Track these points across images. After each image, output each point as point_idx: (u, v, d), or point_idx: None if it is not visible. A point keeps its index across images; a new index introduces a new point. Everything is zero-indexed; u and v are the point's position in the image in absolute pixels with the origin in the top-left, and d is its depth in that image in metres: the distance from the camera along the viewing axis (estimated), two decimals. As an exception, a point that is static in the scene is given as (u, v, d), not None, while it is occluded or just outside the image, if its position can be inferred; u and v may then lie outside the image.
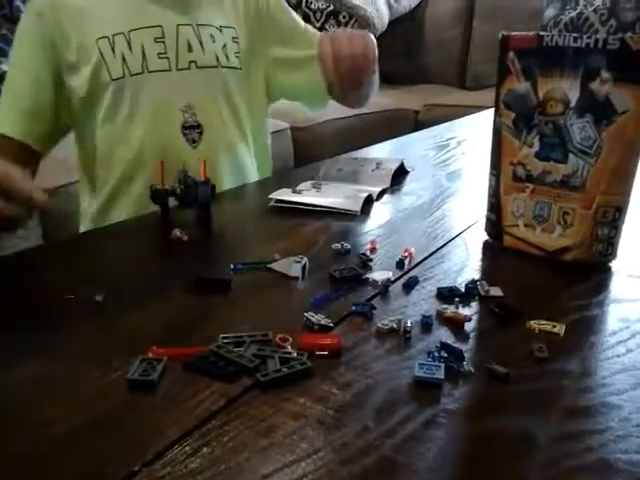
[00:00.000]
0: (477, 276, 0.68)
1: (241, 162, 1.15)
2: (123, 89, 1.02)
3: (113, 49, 1.00)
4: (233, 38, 1.09)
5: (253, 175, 1.18)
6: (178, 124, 1.04)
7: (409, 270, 0.70)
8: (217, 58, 1.06)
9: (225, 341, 0.54)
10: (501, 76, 0.73)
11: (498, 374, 0.50)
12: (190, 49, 1.04)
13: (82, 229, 1.14)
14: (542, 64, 0.69)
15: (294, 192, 0.94)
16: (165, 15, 1.03)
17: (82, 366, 0.52)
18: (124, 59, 1.00)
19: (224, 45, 1.07)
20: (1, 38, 2.08)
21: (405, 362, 0.52)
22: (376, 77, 1.10)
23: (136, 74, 1.01)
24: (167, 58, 1.02)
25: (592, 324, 0.60)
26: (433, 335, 0.56)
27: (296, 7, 3.02)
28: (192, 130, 1.05)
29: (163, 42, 1.02)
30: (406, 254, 0.72)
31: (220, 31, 1.07)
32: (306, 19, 3.03)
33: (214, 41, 1.06)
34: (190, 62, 1.04)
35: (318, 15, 3.05)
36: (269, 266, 0.70)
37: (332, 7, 3.07)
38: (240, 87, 1.12)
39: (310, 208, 0.89)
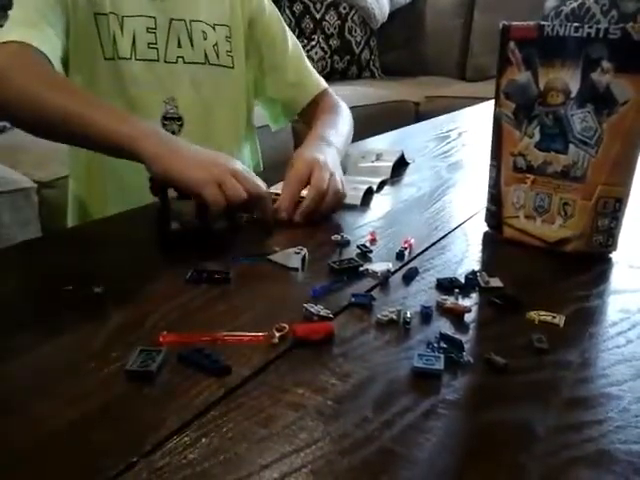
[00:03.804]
0: (477, 267, 0.68)
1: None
2: (111, 70, 1.00)
3: (108, 27, 0.99)
4: (226, 37, 1.09)
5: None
6: (159, 114, 1.04)
7: (409, 261, 0.70)
8: (206, 55, 1.07)
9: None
10: (501, 66, 0.72)
11: (497, 365, 0.50)
12: (179, 45, 1.04)
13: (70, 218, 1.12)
14: (543, 54, 0.69)
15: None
16: (160, 8, 1.03)
17: (81, 357, 0.52)
18: (115, 41, 0.99)
19: (215, 43, 1.08)
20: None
21: (404, 353, 0.52)
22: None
23: (123, 58, 1.01)
24: (156, 49, 1.03)
25: (592, 315, 0.60)
26: (433, 326, 0.56)
27: (296, -2, 3.01)
28: (172, 122, 1.05)
29: (154, 33, 1.02)
30: (406, 245, 0.72)
31: (213, 29, 1.08)
32: (306, 10, 3.01)
33: (205, 38, 1.07)
34: (178, 57, 1.05)
35: (318, 6, 3.03)
36: (269, 257, 0.70)
37: (332, -2, 3.05)
38: (231, 85, 1.12)
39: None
